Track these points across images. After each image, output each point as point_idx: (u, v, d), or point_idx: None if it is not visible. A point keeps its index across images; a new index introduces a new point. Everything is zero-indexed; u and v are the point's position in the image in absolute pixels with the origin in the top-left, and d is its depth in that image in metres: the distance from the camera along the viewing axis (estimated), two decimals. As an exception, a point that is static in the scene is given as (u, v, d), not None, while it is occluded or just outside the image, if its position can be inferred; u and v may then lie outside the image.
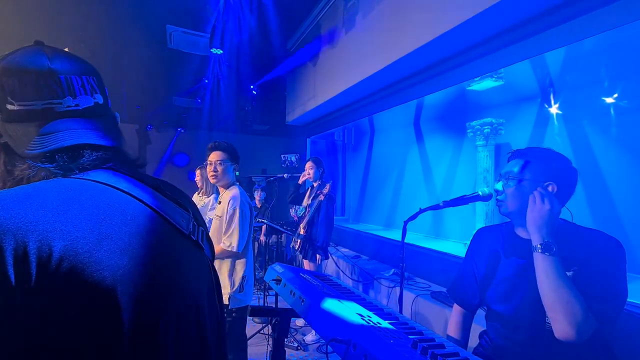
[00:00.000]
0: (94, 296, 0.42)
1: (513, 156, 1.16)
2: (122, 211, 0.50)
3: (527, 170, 1.08)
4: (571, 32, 1.97)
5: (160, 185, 0.62)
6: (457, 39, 2.52)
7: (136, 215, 0.52)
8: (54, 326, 0.39)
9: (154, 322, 0.47)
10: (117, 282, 0.44)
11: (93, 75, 0.59)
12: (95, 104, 0.59)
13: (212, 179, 2.07)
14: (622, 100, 2.42)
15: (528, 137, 3.11)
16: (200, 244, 0.63)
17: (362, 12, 3.53)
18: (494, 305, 1.15)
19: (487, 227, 1.38)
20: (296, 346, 3.04)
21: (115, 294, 0.44)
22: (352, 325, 0.67)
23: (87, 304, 0.42)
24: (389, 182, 5.16)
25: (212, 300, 0.62)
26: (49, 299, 0.40)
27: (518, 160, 1.12)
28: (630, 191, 2.39)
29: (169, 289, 0.51)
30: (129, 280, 0.45)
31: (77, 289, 0.41)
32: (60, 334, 0.40)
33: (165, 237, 0.55)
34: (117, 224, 0.48)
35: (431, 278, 3.01)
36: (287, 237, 4.74)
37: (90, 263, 0.43)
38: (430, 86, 3.20)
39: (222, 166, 2.04)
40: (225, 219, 1.99)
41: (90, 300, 0.42)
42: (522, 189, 1.07)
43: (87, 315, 0.42)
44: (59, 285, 0.40)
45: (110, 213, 0.49)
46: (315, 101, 4.79)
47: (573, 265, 0.98)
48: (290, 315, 0.98)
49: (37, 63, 0.54)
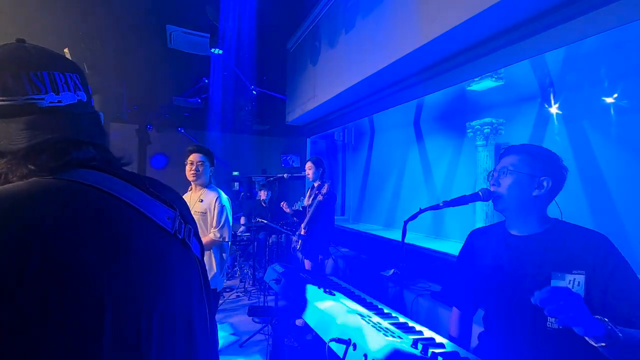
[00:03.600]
0: (77, 296, 0.43)
1: (508, 152, 1.15)
2: (102, 212, 0.50)
3: (525, 165, 1.08)
4: (571, 32, 1.97)
5: (146, 183, 0.61)
6: (457, 39, 2.52)
7: (117, 215, 0.52)
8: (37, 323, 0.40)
9: (136, 323, 0.47)
10: (99, 282, 0.45)
11: (76, 72, 0.58)
12: (78, 101, 0.58)
13: (191, 177, 2.35)
14: (622, 100, 2.42)
15: (528, 137, 3.11)
16: (187, 242, 0.62)
17: (362, 12, 3.53)
18: (491, 306, 1.14)
19: (480, 228, 1.37)
20: (296, 346, 3.04)
21: (99, 294, 0.44)
22: (352, 325, 0.67)
23: (70, 303, 0.42)
24: (389, 182, 5.16)
25: (200, 298, 0.62)
26: (32, 298, 0.40)
27: (514, 155, 1.12)
28: (630, 191, 2.39)
29: (151, 290, 0.51)
30: (110, 281, 0.46)
31: (61, 289, 0.42)
32: (42, 330, 0.40)
33: (148, 236, 0.55)
34: (99, 226, 0.48)
35: (431, 278, 3.01)
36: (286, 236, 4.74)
37: (74, 264, 0.43)
38: (430, 86, 3.20)
39: (202, 167, 2.34)
40: (214, 215, 2.30)
41: (73, 299, 0.42)
42: (520, 184, 1.08)
43: (69, 314, 0.42)
44: (42, 285, 0.41)
45: (91, 215, 0.49)
46: (315, 101, 4.79)
47: (580, 267, 0.96)
48: (290, 315, 0.98)
49: (19, 58, 0.54)
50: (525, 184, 1.07)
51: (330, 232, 3.41)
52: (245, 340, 3.11)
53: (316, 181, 3.43)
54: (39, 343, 0.40)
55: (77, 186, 0.51)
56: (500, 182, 1.12)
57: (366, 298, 0.96)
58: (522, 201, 1.08)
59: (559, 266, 1.00)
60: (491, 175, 1.19)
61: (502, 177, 1.12)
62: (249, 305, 3.87)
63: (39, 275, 0.41)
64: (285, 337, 0.94)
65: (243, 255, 5.28)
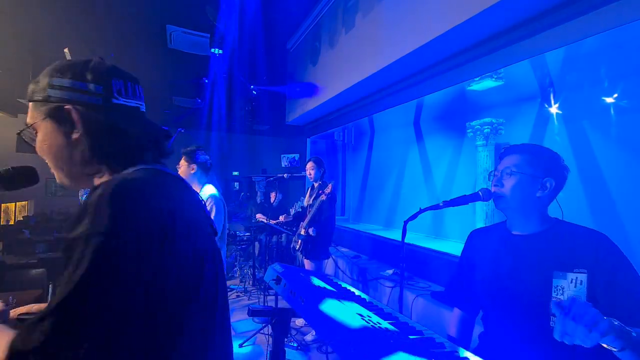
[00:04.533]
0: (189, 253, 0.64)
1: (509, 151, 1.14)
2: (186, 188, 0.76)
3: (528, 165, 1.07)
4: (571, 32, 1.97)
5: None
6: (457, 39, 2.52)
7: (191, 193, 0.77)
8: (166, 278, 0.60)
9: (200, 275, 0.67)
10: (195, 243, 0.66)
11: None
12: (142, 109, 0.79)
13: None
14: (622, 100, 2.42)
15: (528, 137, 3.11)
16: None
17: (362, 12, 3.53)
18: (492, 305, 1.13)
19: (480, 228, 1.36)
20: (296, 346, 3.04)
21: (200, 253, 0.67)
22: (352, 325, 0.67)
23: (186, 261, 0.64)
24: (389, 182, 5.16)
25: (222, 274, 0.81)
26: (167, 259, 0.60)
27: (516, 155, 1.11)
28: (630, 191, 2.38)
29: (205, 254, 0.70)
30: (196, 240, 0.67)
31: (181, 247, 0.62)
32: (171, 281, 0.60)
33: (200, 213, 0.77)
34: (188, 200, 0.74)
35: (431, 278, 3.01)
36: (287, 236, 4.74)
37: (185, 229, 0.64)
38: (430, 86, 3.20)
39: (179, 169, 2.48)
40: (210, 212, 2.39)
41: (191, 256, 0.65)
42: (523, 185, 1.07)
43: (185, 270, 0.63)
44: (172, 247, 0.61)
45: (183, 190, 0.74)
46: (315, 101, 4.79)
47: (581, 266, 0.96)
48: (290, 315, 0.98)
49: (121, 71, 0.74)
50: (529, 185, 1.06)
51: (331, 233, 3.41)
52: (245, 340, 3.12)
53: (317, 181, 3.43)
54: (167, 289, 0.59)
55: (165, 172, 0.72)
56: (504, 182, 1.11)
57: (366, 298, 0.96)
58: (525, 202, 1.08)
59: (560, 265, 0.99)
60: (492, 175, 1.18)
61: (505, 178, 1.11)
62: (249, 305, 3.89)
63: (170, 240, 0.59)
64: (285, 337, 0.94)
65: (243, 255, 5.28)
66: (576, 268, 0.97)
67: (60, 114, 0.67)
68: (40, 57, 4.47)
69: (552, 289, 0.99)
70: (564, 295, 0.97)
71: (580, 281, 0.96)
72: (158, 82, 5.87)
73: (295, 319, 3.36)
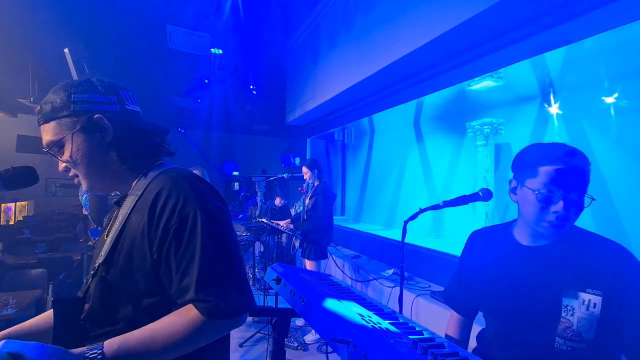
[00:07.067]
0: None
1: (575, 160, 1.03)
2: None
3: (585, 184, 1.02)
4: (571, 32, 1.97)
5: None
6: (457, 39, 2.52)
7: None
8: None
9: None
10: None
11: None
12: None
13: None
14: (622, 100, 2.42)
15: (528, 137, 3.11)
16: None
17: (362, 12, 3.53)
18: (492, 317, 1.07)
19: (481, 229, 1.25)
20: (296, 346, 3.04)
21: None
22: (352, 325, 0.67)
23: None
24: (389, 182, 5.16)
25: None
26: None
27: (581, 169, 1.03)
28: (630, 191, 2.38)
29: None
30: None
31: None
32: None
33: None
34: None
35: (431, 278, 3.01)
36: (287, 236, 4.74)
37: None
38: (430, 86, 3.20)
39: None
40: None
41: None
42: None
43: None
44: None
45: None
46: (315, 101, 4.79)
47: (597, 286, 0.86)
48: (290, 315, 0.98)
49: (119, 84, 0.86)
50: None
51: (329, 232, 3.41)
52: (245, 340, 3.12)
53: (315, 181, 3.44)
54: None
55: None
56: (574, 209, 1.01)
57: (366, 298, 0.96)
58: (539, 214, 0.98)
59: (572, 279, 0.89)
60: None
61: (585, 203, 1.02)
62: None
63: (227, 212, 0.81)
64: (285, 337, 0.94)
65: (243, 255, 5.29)
66: (589, 287, 0.87)
67: (90, 123, 0.77)
68: (40, 57, 4.47)
69: (561, 308, 0.89)
70: (573, 317, 0.87)
71: (594, 304, 0.86)
72: (158, 82, 5.87)
73: (295, 319, 3.37)
